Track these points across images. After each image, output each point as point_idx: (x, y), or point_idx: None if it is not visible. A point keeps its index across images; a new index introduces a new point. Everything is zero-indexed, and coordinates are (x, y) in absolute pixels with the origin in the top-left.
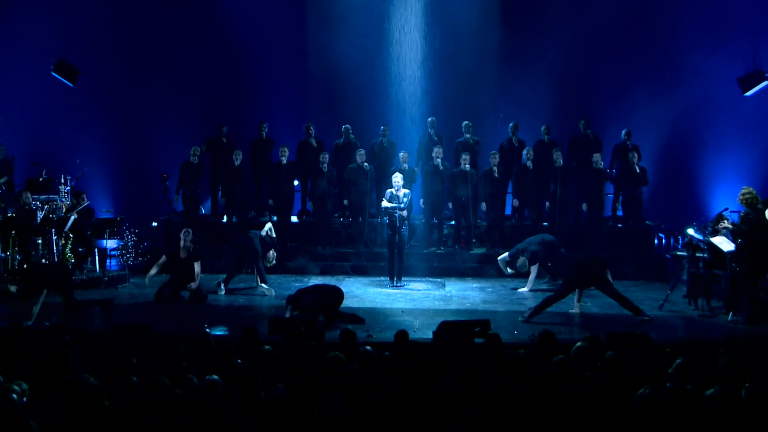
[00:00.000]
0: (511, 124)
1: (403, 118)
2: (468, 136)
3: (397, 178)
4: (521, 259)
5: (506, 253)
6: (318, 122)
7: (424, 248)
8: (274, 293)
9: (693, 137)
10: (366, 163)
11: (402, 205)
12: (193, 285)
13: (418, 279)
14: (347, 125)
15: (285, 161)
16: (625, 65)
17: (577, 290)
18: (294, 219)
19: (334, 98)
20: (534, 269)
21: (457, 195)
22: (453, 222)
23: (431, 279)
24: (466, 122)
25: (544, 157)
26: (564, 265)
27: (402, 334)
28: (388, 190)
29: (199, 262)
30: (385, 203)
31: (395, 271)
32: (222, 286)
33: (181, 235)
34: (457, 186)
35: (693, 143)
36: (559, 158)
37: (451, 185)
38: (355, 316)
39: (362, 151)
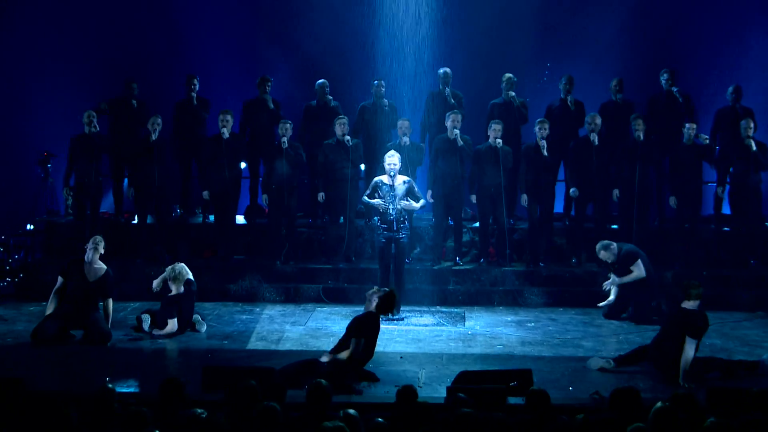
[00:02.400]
0: (563, 79)
1: (404, 69)
2: (511, 95)
3: (392, 159)
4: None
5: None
6: (278, 76)
7: (435, 263)
8: (205, 329)
9: None
10: (349, 137)
11: (399, 199)
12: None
13: (426, 309)
14: (322, 80)
15: (227, 134)
16: None
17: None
18: (240, 220)
19: (302, 40)
20: (638, 269)
21: (484, 184)
22: (477, 224)
23: (445, 309)
24: (509, 75)
25: (614, 127)
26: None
27: (408, 392)
28: (378, 178)
29: (113, 291)
30: (373, 197)
31: None
32: (203, 321)
33: (89, 246)
34: (485, 170)
35: None
36: (638, 129)
37: (475, 169)
38: (368, 374)
39: (344, 120)
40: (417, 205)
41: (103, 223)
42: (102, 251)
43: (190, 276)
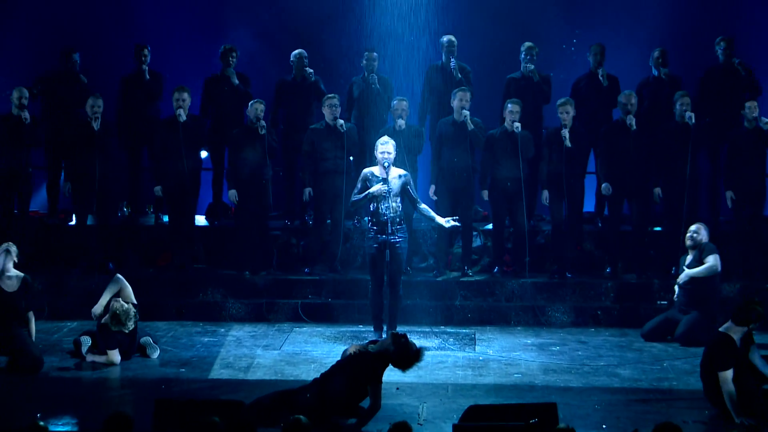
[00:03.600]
0: (593, 49)
1: (401, 37)
2: (531, 68)
3: (386, 148)
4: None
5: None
6: (246, 45)
7: (438, 273)
8: (158, 354)
9: None
10: (342, 121)
11: (393, 195)
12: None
13: (427, 330)
14: (299, 50)
15: (184, 116)
16: None
17: None
18: (200, 221)
19: (274, 2)
20: (714, 260)
21: (499, 177)
22: (490, 226)
23: (451, 329)
24: (528, 44)
25: (655, 108)
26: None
27: (404, 431)
28: (368, 170)
29: (35, 302)
30: (364, 194)
31: (385, 314)
32: (155, 345)
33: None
34: (500, 161)
35: None
36: (687, 109)
37: (487, 159)
38: (357, 408)
39: (335, 100)
40: (440, 220)
41: (33, 224)
42: (16, 259)
43: (132, 314)
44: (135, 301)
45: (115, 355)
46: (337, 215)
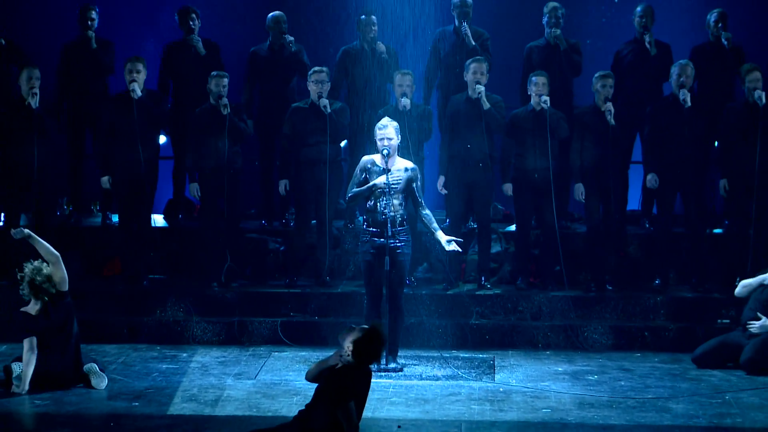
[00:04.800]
0: (639, 10)
1: None
2: (557, 33)
3: (387, 132)
4: None
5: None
6: (213, 6)
7: (449, 286)
8: (105, 384)
9: None
10: (325, 100)
11: (397, 192)
12: None
13: (436, 354)
14: (277, 13)
15: (138, 92)
16: None
17: None
18: (158, 221)
19: None
20: None
21: (524, 167)
22: (513, 227)
23: (465, 354)
24: (554, 4)
25: (714, 82)
26: None
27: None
28: (366, 158)
29: None
30: (367, 186)
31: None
32: (101, 373)
33: None
34: (525, 146)
35: None
36: (755, 85)
37: (509, 145)
38: None
39: (323, 74)
40: (440, 237)
41: None
42: None
43: (59, 278)
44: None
45: (30, 344)
46: (324, 214)
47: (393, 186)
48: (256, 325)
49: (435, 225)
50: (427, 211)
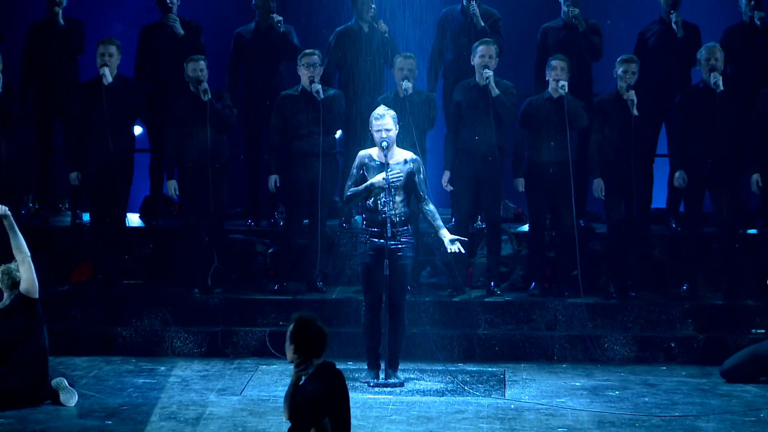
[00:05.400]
0: None
1: None
2: (575, 12)
3: (384, 122)
4: None
5: None
6: None
7: (455, 292)
8: (76, 400)
9: None
10: (318, 85)
11: (398, 189)
12: None
13: (441, 367)
14: None
15: (110, 77)
16: None
17: None
18: (134, 220)
19: None
20: None
21: (540, 161)
22: (526, 227)
23: (473, 367)
24: None
25: (748, 67)
26: None
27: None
28: (364, 153)
29: None
30: (364, 186)
31: (383, 347)
32: (71, 388)
33: None
34: (541, 138)
35: None
36: None
37: (523, 137)
38: None
39: (315, 57)
40: (444, 235)
41: None
42: None
43: (28, 282)
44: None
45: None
46: (317, 212)
47: (393, 183)
48: (242, 336)
49: (439, 222)
50: (431, 207)
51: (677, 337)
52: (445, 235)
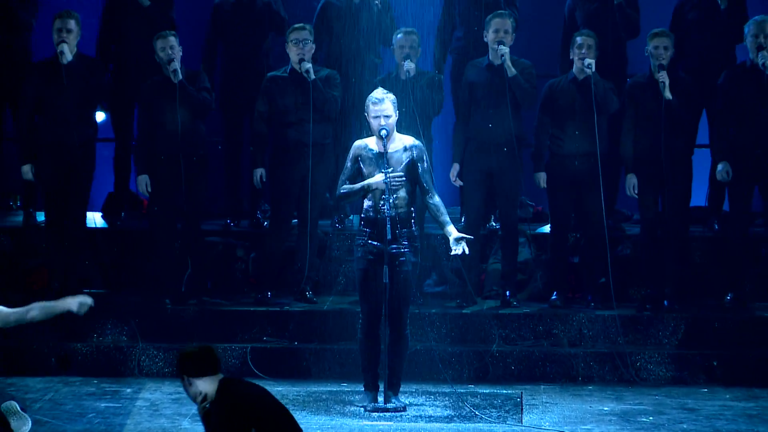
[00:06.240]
0: None
1: None
2: None
3: (383, 107)
4: None
5: None
6: None
7: (465, 302)
8: (29, 427)
9: None
10: (311, 65)
11: (396, 183)
12: None
13: (448, 389)
14: None
15: (69, 56)
16: None
17: None
18: (95, 220)
19: None
20: None
21: (561, 153)
22: (547, 228)
23: (485, 389)
24: None
25: None
26: None
27: None
28: (360, 143)
29: None
30: (357, 181)
31: (382, 367)
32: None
33: None
34: (564, 125)
35: None
36: None
37: (543, 124)
38: None
39: (305, 31)
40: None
41: None
42: None
43: None
44: None
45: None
46: (307, 211)
47: (393, 186)
48: (220, 353)
49: (445, 217)
50: (437, 199)
51: (720, 355)
52: (451, 233)
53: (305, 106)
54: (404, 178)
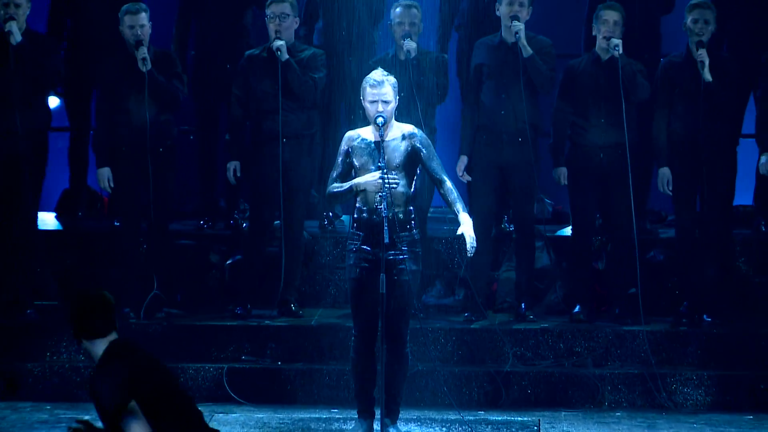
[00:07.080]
0: None
1: None
2: None
3: (380, 92)
4: None
5: None
6: None
7: (473, 317)
8: None
9: None
10: (280, 42)
11: (394, 178)
12: None
13: (455, 416)
14: None
15: (18, 36)
16: None
17: None
18: (47, 221)
19: None
20: None
21: (583, 144)
22: (568, 230)
23: (498, 415)
24: None
25: None
26: None
27: None
28: (352, 133)
29: None
30: (348, 179)
31: (378, 390)
32: None
33: None
34: (588, 113)
35: None
36: None
37: (563, 112)
38: None
39: (285, 4)
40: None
41: None
42: None
43: None
44: None
45: None
46: (292, 211)
47: (392, 186)
48: (192, 374)
49: (459, 204)
50: (450, 185)
51: None
52: (464, 220)
53: (285, 92)
54: (402, 172)
